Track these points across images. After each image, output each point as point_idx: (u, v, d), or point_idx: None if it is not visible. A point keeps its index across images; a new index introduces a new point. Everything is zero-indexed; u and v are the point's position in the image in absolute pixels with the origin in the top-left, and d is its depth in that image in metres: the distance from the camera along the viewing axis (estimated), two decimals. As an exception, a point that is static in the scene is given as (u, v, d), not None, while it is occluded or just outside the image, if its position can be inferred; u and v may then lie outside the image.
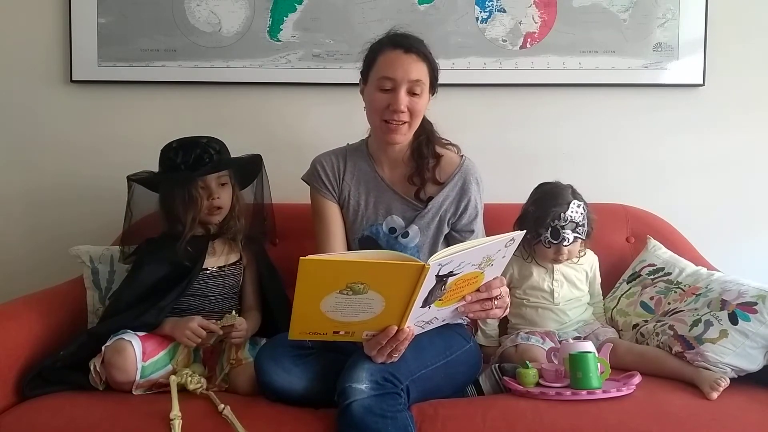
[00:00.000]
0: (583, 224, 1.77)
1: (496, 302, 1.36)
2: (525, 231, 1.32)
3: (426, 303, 1.27)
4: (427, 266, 1.18)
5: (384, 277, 1.20)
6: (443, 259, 1.20)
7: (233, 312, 1.64)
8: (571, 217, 1.74)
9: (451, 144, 1.68)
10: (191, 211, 1.66)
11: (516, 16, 2.12)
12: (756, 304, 1.54)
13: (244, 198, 1.80)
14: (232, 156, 1.76)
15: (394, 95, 1.52)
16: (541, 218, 1.76)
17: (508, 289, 1.40)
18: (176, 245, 1.65)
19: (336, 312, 1.24)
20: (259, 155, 1.79)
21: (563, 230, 1.74)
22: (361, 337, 1.33)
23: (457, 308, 1.35)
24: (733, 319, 1.54)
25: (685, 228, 2.01)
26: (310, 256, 1.16)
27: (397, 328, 1.29)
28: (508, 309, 1.43)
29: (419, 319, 1.32)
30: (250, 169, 1.79)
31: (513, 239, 1.29)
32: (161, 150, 1.71)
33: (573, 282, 1.82)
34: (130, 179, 1.71)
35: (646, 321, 1.75)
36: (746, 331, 1.52)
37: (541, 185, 1.84)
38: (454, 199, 1.61)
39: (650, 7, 2.12)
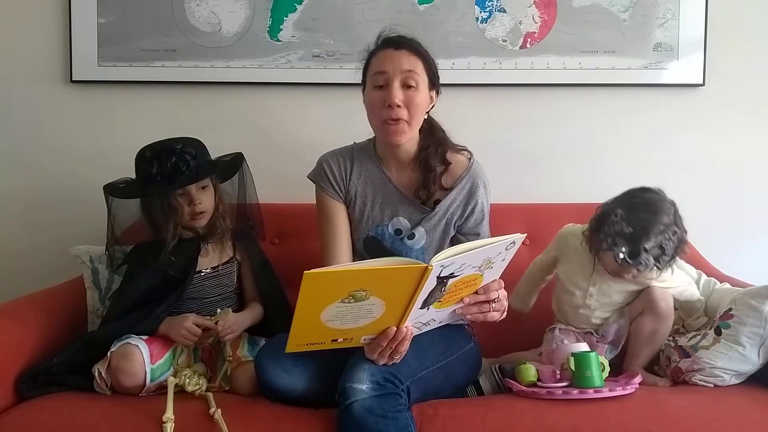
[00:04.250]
0: (669, 256, 1.54)
1: (493, 305, 1.36)
2: (525, 234, 1.31)
3: (425, 304, 1.27)
4: (430, 267, 1.18)
5: (387, 282, 1.20)
6: (445, 260, 1.19)
7: (225, 308, 1.65)
8: (659, 242, 1.52)
9: (465, 150, 1.65)
10: (172, 221, 1.64)
11: (516, 16, 2.12)
12: (731, 309, 1.58)
13: (229, 196, 1.78)
14: (222, 155, 1.75)
15: (387, 90, 1.51)
16: (626, 232, 1.53)
17: (506, 292, 1.40)
18: (161, 255, 1.63)
19: (336, 321, 1.24)
20: (241, 153, 1.77)
21: (646, 254, 1.52)
22: (359, 341, 1.33)
23: (454, 310, 1.35)
24: (717, 332, 1.58)
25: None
26: (313, 270, 1.14)
27: (396, 328, 1.29)
28: (506, 312, 1.42)
29: (417, 321, 1.32)
30: (230, 168, 1.78)
31: (514, 242, 1.29)
32: (136, 157, 1.68)
33: (611, 293, 1.67)
34: (107, 191, 1.69)
35: None
36: (731, 336, 1.55)
37: (641, 190, 1.63)
38: (462, 202, 1.60)
39: (650, 7, 2.12)
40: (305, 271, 1.13)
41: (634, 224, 1.54)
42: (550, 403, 1.42)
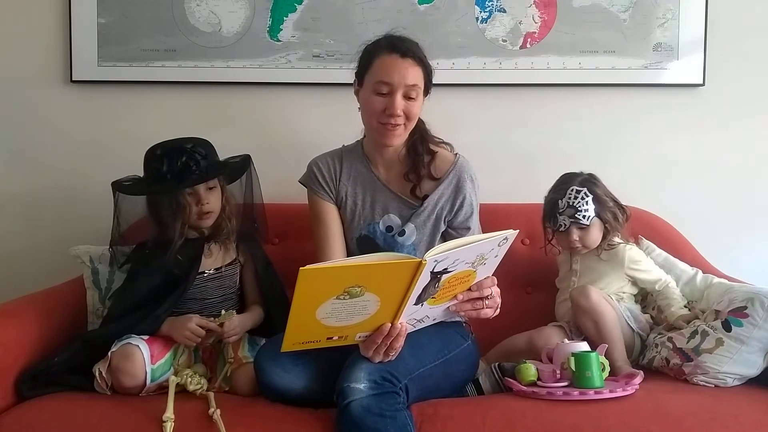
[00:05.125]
0: (584, 210, 1.73)
1: (486, 302, 1.37)
2: (518, 231, 1.32)
3: (419, 300, 1.28)
4: (423, 262, 1.18)
5: (381, 277, 1.20)
6: (439, 255, 1.20)
7: (230, 310, 1.64)
8: (568, 203, 1.74)
9: (444, 142, 1.69)
10: (180, 219, 1.65)
11: (516, 16, 2.12)
12: (746, 308, 1.55)
13: (235, 197, 1.79)
14: (221, 155, 1.75)
15: (390, 99, 1.53)
16: (547, 208, 1.80)
17: (499, 290, 1.41)
18: (167, 254, 1.63)
19: (331, 318, 1.24)
20: (248, 156, 1.78)
21: (560, 216, 1.75)
22: (354, 339, 1.33)
23: (448, 307, 1.36)
24: (727, 327, 1.55)
25: (684, 228, 2.01)
26: (309, 266, 1.15)
27: (390, 325, 1.29)
28: (499, 309, 1.43)
29: (411, 317, 1.32)
30: (238, 170, 1.78)
31: (506, 238, 1.30)
32: (145, 155, 1.68)
33: (596, 275, 1.78)
34: (116, 187, 1.70)
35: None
36: (740, 336, 1.53)
37: (561, 176, 1.85)
38: (450, 197, 1.62)
39: (650, 7, 2.11)
40: (301, 268, 1.14)
41: (548, 202, 1.81)
42: (550, 403, 1.42)
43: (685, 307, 1.73)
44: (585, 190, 1.75)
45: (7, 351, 1.51)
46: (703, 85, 2.13)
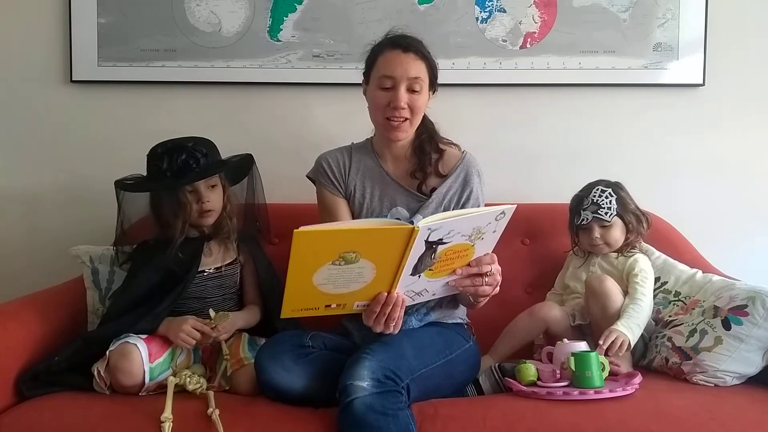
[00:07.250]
0: (606, 208, 1.79)
1: (486, 279, 1.39)
2: (516, 205, 1.33)
3: (416, 271, 1.29)
4: (416, 228, 1.20)
5: (376, 242, 1.22)
6: (433, 223, 1.22)
7: (220, 312, 1.64)
8: (592, 200, 1.81)
9: (452, 143, 1.70)
10: (181, 217, 1.66)
11: (516, 16, 2.12)
12: (746, 306, 1.55)
13: (237, 197, 1.80)
14: (222, 155, 1.75)
15: (394, 93, 1.55)
16: (572, 205, 1.87)
17: (500, 267, 1.42)
18: (167, 252, 1.64)
19: (328, 284, 1.26)
20: (250, 155, 1.79)
21: (584, 212, 1.81)
22: (353, 308, 1.34)
23: (447, 282, 1.37)
24: (726, 325, 1.55)
25: (684, 228, 2.01)
26: (303, 228, 1.16)
27: (386, 294, 1.31)
28: (498, 288, 1.44)
29: (409, 289, 1.34)
30: (240, 169, 1.79)
31: (503, 213, 1.31)
32: (147, 154, 1.69)
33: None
34: (118, 185, 1.70)
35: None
36: (740, 335, 1.53)
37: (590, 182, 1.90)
38: (457, 191, 1.63)
39: (650, 7, 2.12)
40: (295, 230, 1.16)
41: (574, 200, 1.88)
42: (550, 403, 1.42)
43: (681, 301, 1.73)
44: (609, 190, 1.82)
45: (7, 351, 1.51)
46: (703, 85, 2.13)
